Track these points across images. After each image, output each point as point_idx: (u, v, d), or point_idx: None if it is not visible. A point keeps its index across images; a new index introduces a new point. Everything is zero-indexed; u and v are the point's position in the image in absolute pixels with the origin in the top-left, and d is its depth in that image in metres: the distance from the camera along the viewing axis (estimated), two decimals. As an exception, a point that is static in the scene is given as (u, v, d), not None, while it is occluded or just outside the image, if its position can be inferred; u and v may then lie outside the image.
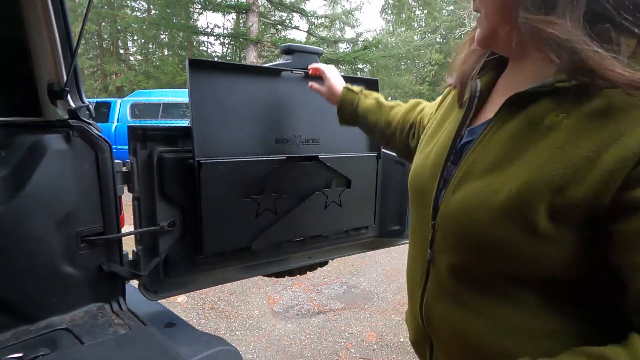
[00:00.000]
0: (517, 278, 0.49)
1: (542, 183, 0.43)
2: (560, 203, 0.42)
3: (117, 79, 14.18)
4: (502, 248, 0.47)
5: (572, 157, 0.42)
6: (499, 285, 0.51)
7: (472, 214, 0.50)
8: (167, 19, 13.08)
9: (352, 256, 2.27)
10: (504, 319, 0.51)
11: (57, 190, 0.98)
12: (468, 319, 0.55)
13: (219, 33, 13.72)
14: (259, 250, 1.25)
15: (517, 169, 0.46)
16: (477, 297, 0.54)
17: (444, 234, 0.56)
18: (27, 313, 0.98)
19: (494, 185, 0.48)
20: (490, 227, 0.48)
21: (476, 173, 0.51)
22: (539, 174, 0.44)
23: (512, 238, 0.46)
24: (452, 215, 0.53)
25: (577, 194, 0.41)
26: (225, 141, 1.11)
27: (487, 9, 0.52)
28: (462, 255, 0.54)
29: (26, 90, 1.06)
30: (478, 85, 0.59)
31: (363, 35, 16.00)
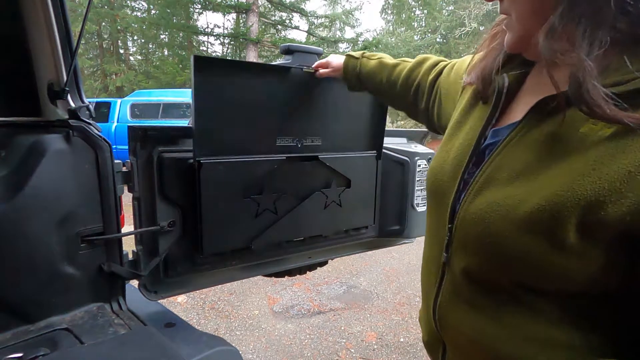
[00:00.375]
0: (538, 289, 0.47)
1: (574, 198, 0.40)
2: (594, 221, 0.39)
3: (117, 79, 14.18)
4: (524, 261, 0.45)
5: (610, 171, 0.39)
6: (518, 294, 0.49)
7: (493, 224, 0.47)
8: (167, 19, 13.08)
9: (352, 256, 2.27)
10: (521, 327, 0.49)
11: (57, 190, 0.98)
12: (484, 325, 0.53)
13: (219, 33, 13.72)
14: (259, 250, 1.25)
15: (546, 180, 0.43)
16: (494, 304, 0.52)
17: (462, 239, 0.54)
18: (27, 313, 0.98)
19: (519, 196, 0.45)
20: (512, 239, 0.45)
21: (500, 179, 0.48)
22: (571, 188, 0.41)
23: (535, 252, 0.44)
24: (471, 223, 0.51)
25: (613, 213, 0.38)
26: (227, 141, 1.11)
27: (521, 11, 0.48)
28: (480, 263, 0.52)
29: (26, 90, 1.06)
30: (505, 80, 0.55)
31: (363, 35, 15.98)
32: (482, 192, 0.50)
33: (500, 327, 0.51)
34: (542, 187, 0.43)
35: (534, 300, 0.47)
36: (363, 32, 24.48)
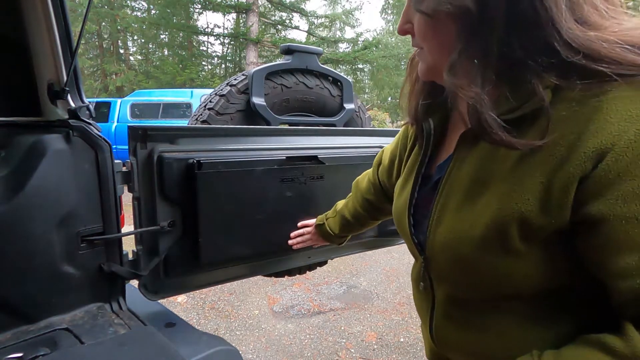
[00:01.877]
0: (514, 295, 0.52)
1: (509, 212, 0.47)
2: (528, 228, 0.46)
3: (117, 79, 14.18)
4: (490, 273, 0.51)
5: (528, 185, 0.46)
6: (500, 304, 0.54)
7: (456, 249, 0.53)
8: (167, 19, 13.09)
9: (352, 256, 2.27)
10: (511, 333, 0.54)
11: (57, 190, 0.98)
12: (478, 339, 0.58)
13: (219, 33, 13.73)
14: (259, 250, 1.25)
15: (486, 201, 0.49)
16: (481, 319, 0.57)
17: (437, 266, 0.59)
18: (27, 313, 0.98)
19: (469, 220, 0.51)
20: (474, 257, 0.51)
21: (451, 208, 0.54)
22: (505, 204, 0.47)
23: (496, 263, 0.49)
24: (439, 251, 0.57)
25: (539, 218, 0.45)
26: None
27: (430, 46, 0.53)
28: (458, 286, 0.58)
29: (26, 90, 1.06)
30: (431, 124, 0.62)
31: (363, 35, 15.98)
32: (441, 221, 0.56)
33: (492, 338, 0.56)
34: (484, 210, 0.49)
35: (514, 307, 0.53)
36: (363, 32, 24.49)
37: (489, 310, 0.56)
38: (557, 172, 0.44)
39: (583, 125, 0.42)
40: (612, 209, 0.41)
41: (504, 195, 0.47)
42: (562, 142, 0.43)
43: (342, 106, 1.80)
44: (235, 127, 1.38)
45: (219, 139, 1.19)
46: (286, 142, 1.32)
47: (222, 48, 15.67)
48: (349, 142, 1.46)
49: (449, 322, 0.61)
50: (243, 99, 1.55)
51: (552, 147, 0.44)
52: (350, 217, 1.05)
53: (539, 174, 0.45)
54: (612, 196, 0.41)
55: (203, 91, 7.53)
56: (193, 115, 1.61)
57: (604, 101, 0.42)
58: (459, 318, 0.60)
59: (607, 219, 0.41)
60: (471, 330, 0.58)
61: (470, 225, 0.51)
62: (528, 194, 0.45)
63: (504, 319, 0.54)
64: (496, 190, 0.49)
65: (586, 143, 0.42)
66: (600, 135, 0.41)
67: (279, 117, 1.60)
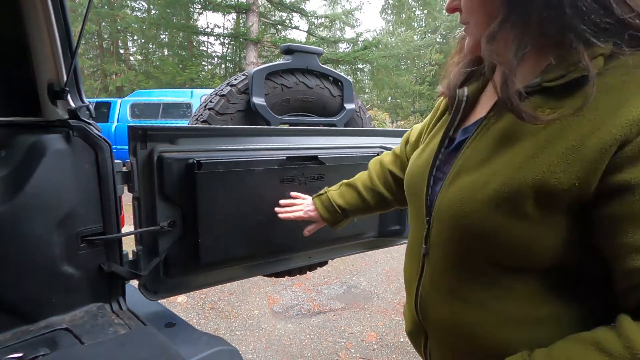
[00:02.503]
0: (511, 268, 0.52)
1: (530, 173, 0.46)
2: (548, 191, 0.45)
3: (117, 79, 14.18)
4: (495, 236, 0.50)
5: (558, 147, 0.45)
6: (493, 275, 0.53)
7: (465, 205, 0.53)
8: (167, 19, 13.09)
9: (352, 256, 2.26)
10: (498, 308, 0.53)
11: (57, 190, 0.98)
12: (462, 310, 0.57)
13: (219, 33, 13.73)
14: (259, 250, 1.25)
15: (506, 161, 0.49)
16: (470, 289, 0.56)
17: (440, 227, 0.59)
18: (27, 313, 0.98)
19: (485, 178, 0.51)
20: (482, 216, 0.50)
21: (469, 167, 0.55)
22: (527, 165, 0.47)
23: (504, 226, 0.49)
24: (446, 209, 0.56)
25: (563, 182, 0.44)
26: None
27: (477, 18, 0.54)
28: (457, 248, 0.57)
29: (26, 90, 1.06)
30: (465, 92, 0.63)
31: (363, 35, 15.98)
32: (455, 181, 0.56)
33: (480, 312, 0.55)
34: (502, 169, 0.49)
35: (511, 281, 0.52)
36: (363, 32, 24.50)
37: (481, 281, 0.55)
38: (592, 135, 0.43)
39: (629, 94, 0.42)
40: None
41: (528, 157, 0.47)
42: (602, 108, 0.43)
43: (342, 106, 1.80)
44: (235, 127, 1.38)
45: (219, 139, 1.19)
46: (286, 142, 1.32)
47: (222, 48, 15.68)
48: (349, 142, 1.46)
49: (436, 290, 0.61)
50: (243, 99, 1.55)
51: (591, 112, 0.44)
52: (362, 188, 0.98)
53: (571, 137, 0.45)
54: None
55: (203, 91, 7.53)
56: (193, 115, 1.61)
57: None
58: (449, 286, 0.59)
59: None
60: (459, 301, 0.58)
61: (484, 182, 0.51)
62: (555, 156, 0.45)
63: (496, 292, 0.53)
64: (521, 151, 0.48)
65: (629, 110, 0.41)
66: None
67: (279, 117, 1.60)
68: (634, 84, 0.43)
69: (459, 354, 0.59)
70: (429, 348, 0.67)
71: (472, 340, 0.56)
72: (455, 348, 0.60)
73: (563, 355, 0.44)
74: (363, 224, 1.46)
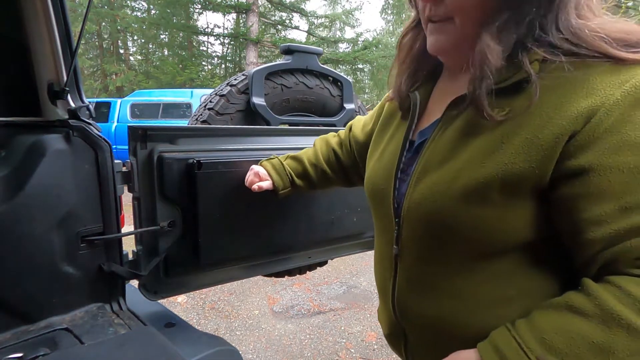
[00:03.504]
0: (482, 253, 0.56)
1: (494, 166, 0.51)
2: (511, 180, 0.50)
3: (117, 79, 14.17)
4: (467, 226, 0.54)
5: (515, 141, 0.50)
6: (465, 264, 0.57)
7: (436, 201, 0.56)
8: (167, 19, 13.09)
9: (352, 256, 2.27)
10: (473, 294, 0.57)
11: (57, 190, 0.98)
12: (440, 301, 0.60)
13: (219, 33, 13.73)
14: (259, 250, 1.25)
15: (469, 158, 0.54)
16: (448, 281, 0.59)
17: (411, 226, 0.61)
18: (27, 313, 0.98)
19: (452, 174, 0.55)
20: (454, 210, 0.54)
21: (433, 166, 0.58)
22: (490, 159, 0.52)
23: (475, 216, 0.53)
24: (416, 207, 0.59)
25: (524, 171, 0.49)
26: None
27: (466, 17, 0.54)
28: (430, 243, 0.60)
29: (26, 90, 1.06)
30: (417, 96, 0.66)
31: (363, 35, 15.97)
32: (421, 180, 0.59)
33: (458, 301, 0.58)
34: (468, 165, 0.54)
35: (483, 266, 0.56)
36: (363, 32, 24.48)
37: (456, 271, 0.58)
38: (544, 128, 0.48)
39: (572, 91, 0.48)
40: (599, 159, 0.46)
41: (489, 152, 0.52)
42: (546, 106, 0.49)
43: (342, 106, 1.80)
44: (235, 127, 1.38)
45: (219, 139, 1.19)
46: (286, 142, 1.32)
47: (222, 48, 15.67)
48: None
49: (412, 287, 0.64)
50: (243, 99, 1.55)
51: (537, 109, 0.50)
52: (307, 163, 1.02)
53: (525, 132, 0.50)
54: (600, 148, 0.46)
55: (203, 91, 7.53)
56: (193, 115, 1.61)
57: (589, 73, 0.48)
58: (424, 281, 0.62)
59: (594, 168, 0.46)
60: (436, 294, 0.60)
61: (452, 178, 0.55)
62: (513, 149, 0.50)
63: (473, 281, 0.57)
64: (482, 147, 0.53)
65: (578, 103, 0.47)
66: (590, 97, 0.47)
67: (279, 117, 1.60)
68: (569, 84, 0.48)
69: (440, 348, 0.59)
70: (409, 349, 0.69)
71: (452, 330, 0.59)
72: (436, 342, 0.62)
73: (544, 323, 0.48)
74: (363, 224, 1.46)
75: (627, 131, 0.45)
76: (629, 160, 0.45)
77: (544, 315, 0.49)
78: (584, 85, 0.47)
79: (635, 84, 0.46)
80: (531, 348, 0.47)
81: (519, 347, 0.48)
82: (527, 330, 0.49)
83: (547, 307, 0.50)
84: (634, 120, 0.45)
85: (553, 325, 0.47)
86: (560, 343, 0.46)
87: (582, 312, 0.46)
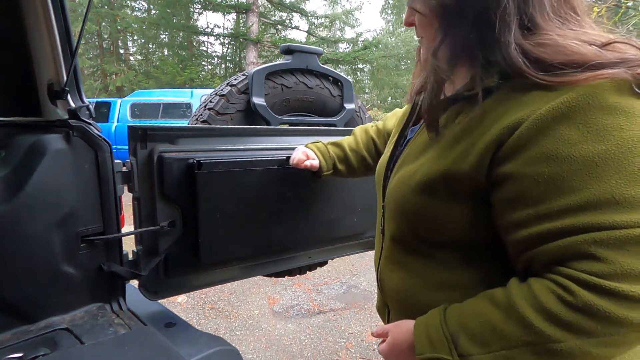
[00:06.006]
0: (433, 242, 0.64)
1: (442, 165, 0.58)
2: (453, 178, 0.57)
3: (117, 79, 14.16)
4: (419, 215, 0.63)
5: (462, 145, 0.57)
6: (422, 248, 0.66)
7: (400, 190, 0.66)
8: (167, 19, 13.08)
9: (352, 256, 2.27)
10: (429, 276, 0.65)
11: (57, 190, 0.98)
12: (404, 278, 0.69)
13: (219, 33, 13.72)
14: (259, 250, 1.25)
15: (429, 156, 0.62)
16: (409, 261, 0.69)
17: (388, 210, 0.72)
18: (27, 313, 0.98)
19: (413, 169, 0.64)
20: (410, 199, 0.63)
21: (408, 161, 0.67)
22: (440, 159, 0.59)
23: (425, 206, 0.62)
24: (391, 193, 0.69)
25: (464, 171, 0.56)
26: None
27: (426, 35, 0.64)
28: (397, 225, 0.69)
29: (26, 90, 1.06)
30: (420, 98, 0.74)
31: (363, 35, 15.98)
32: (397, 172, 0.69)
33: (415, 279, 0.67)
34: (426, 162, 0.62)
35: (435, 253, 0.64)
36: (363, 32, 24.49)
37: (416, 253, 0.67)
38: (482, 136, 0.54)
39: (509, 105, 0.53)
40: (519, 169, 0.51)
41: (441, 152, 0.60)
42: (492, 116, 0.54)
43: (342, 106, 1.80)
44: (235, 127, 1.38)
45: (219, 139, 1.19)
46: (286, 142, 1.32)
47: (222, 48, 15.67)
48: (349, 142, 1.45)
49: (388, 262, 0.73)
50: (243, 99, 1.55)
51: (483, 120, 0.55)
52: (348, 149, 1.10)
53: (470, 137, 0.56)
54: (520, 158, 0.50)
55: (203, 91, 7.53)
56: (193, 115, 1.61)
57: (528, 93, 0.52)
58: (396, 259, 0.71)
59: (515, 177, 0.51)
60: (402, 271, 0.70)
61: (413, 172, 0.64)
62: (459, 151, 0.57)
63: (427, 264, 0.66)
64: (438, 148, 0.61)
65: (508, 118, 0.52)
66: (520, 111, 0.51)
67: (279, 117, 1.60)
68: (510, 99, 0.53)
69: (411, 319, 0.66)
70: (391, 319, 0.77)
71: (414, 305, 0.67)
72: (405, 313, 0.69)
73: (469, 307, 0.56)
74: (363, 224, 1.46)
75: (546, 144, 0.48)
76: (544, 171, 0.49)
77: (472, 302, 0.56)
78: (522, 100, 0.52)
79: (564, 100, 0.48)
80: (449, 325, 0.55)
81: (439, 324, 0.56)
82: (454, 312, 0.56)
83: (479, 296, 0.57)
84: (554, 133, 0.48)
85: (473, 309, 0.55)
86: (472, 324, 0.53)
87: (496, 301, 0.53)
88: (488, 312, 0.53)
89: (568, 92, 0.48)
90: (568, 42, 0.51)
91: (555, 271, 0.49)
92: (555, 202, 0.48)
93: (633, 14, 4.43)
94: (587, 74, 0.48)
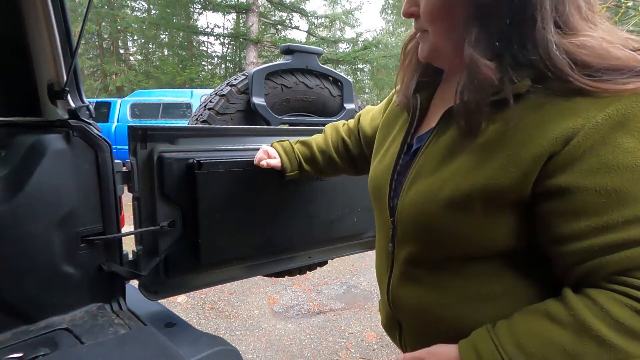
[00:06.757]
0: (467, 256, 0.59)
1: (477, 179, 0.53)
2: (492, 194, 0.52)
3: (117, 79, 14.16)
4: (451, 232, 0.58)
5: (498, 157, 0.52)
6: (451, 263, 0.61)
7: (423, 207, 0.60)
8: (167, 19, 13.08)
9: (352, 256, 2.27)
10: (458, 290, 0.61)
11: (57, 190, 0.98)
12: (428, 296, 0.64)
13: (219, 33, 13.71)
14: (259, 250, 1.25)
15: (456, 169, 0.56)
16: (434, 278, 0.63)
17: (403, 227, 0.65)
18: (27, 313, 0.98)
19: (439, 183, 0.58)
20: (438, 216, 0.58)
21: (424, 174, 0.61)
22: (474, 173, 0.54)
23: (457, 224, 0.56)
24: (408, 210, 0.63)
25: (504, 186, 0.51)
26: None
27: (437, 27, 0.58)
28: (420, 245, 0.63)
29: (26, 90, 1.06)
30: (418, 100, 0.68)
31: (363, 35, 15.98)
32: (412, 186, 0.63)
33: (441, 295, 0.62)
34: (454, 176, 0.56)
35: (467, 266, 0.59)
36: (363, 32, 24.50)
37: (442, 270, 0.62)
38: (525, 146, 0.50)
39: (555, 111, 0.49)
40: (576, 180, 0.48)
41: (473, 166, 0.54)
42: (530, 124, 0.50)
43: (342, 106, 1.80)
44: (235, 127, 1.38)
45: (219, 139, 1.19)
46: None
47: (222, 48, 15.66)
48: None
49: (405, 281, 0.68)
50: (243, 99, 1.55)
51: (521, 126, 0.51)
52: (316, 149, 1.04)
53: (507, 148, 0.52)
54: (577, 170, 0.48)
55: (203, 91, 7.52)
56: (193, 115, 1.61)
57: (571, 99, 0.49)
58: (415, 276, 0.66)
59: (573, 189, 0.48)
60: (423, 289, 0.64)
61: (438, 187, 0.57)
62: (496, 164, 0.52)
63: (455, 279, 0.61)
64: (467, 160, 0.55)
65: (559, 124, 0.48)
66: (572, 119, 0.48)
67: (279, 117, 1.60)
68: (553, 104, 0.50)
69: (429, 337, 0.63)
70: (403, 337, 0.73)
71: (438, 322, 0.63)
72: (426, 332, 0.66)
73: (522, 327, 0.51)
74: (363, 224, 1.46)
75: (605, 154, 0.46)
76: (605, 182, 0.46)
77: (522, 320, 0.52)
78: (566, 106, 0.49)
79: (617, 107, 0.46)
80: (506, 350, 0.50)
81: (495, 349, 0.51)
82: (505, 333, 0.52)
83: (527, 312, 0.52)
84: (612, 143, 0.46)
85: (530, 329, 0.50)
86: (534, 347, 0.49)
87: (558, 320, 0.49)
88: (551, 332, 0.49)
89: (620, 100, 0.46)
90: (605, 45, 0.48)
91: (620, 282, 0.47)
92: (619, 212, 0.46)
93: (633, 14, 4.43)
94: (634, 82, 0.46)
